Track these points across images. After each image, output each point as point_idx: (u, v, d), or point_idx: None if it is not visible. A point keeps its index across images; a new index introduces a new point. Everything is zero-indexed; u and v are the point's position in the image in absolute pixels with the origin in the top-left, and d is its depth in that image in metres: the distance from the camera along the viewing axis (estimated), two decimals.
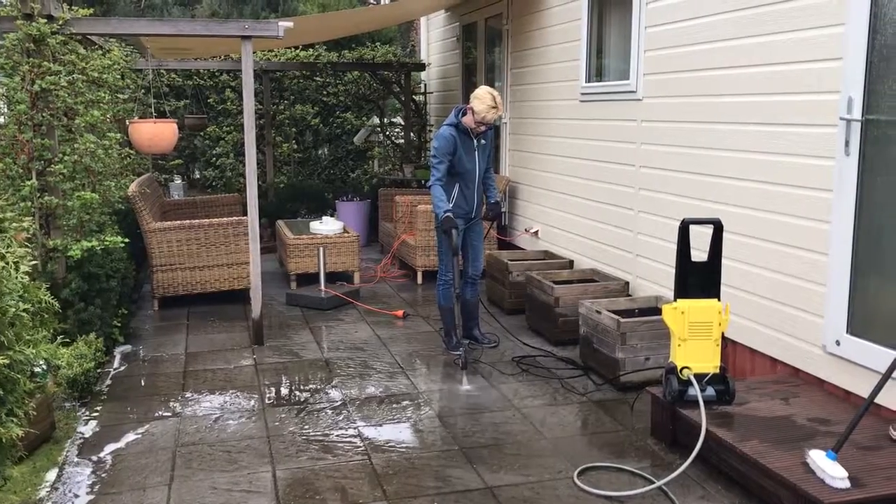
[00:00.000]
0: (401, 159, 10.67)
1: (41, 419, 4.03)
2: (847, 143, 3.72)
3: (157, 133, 5.96)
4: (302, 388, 4.90)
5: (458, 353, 5.38)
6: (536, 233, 7.39)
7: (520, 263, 6.52)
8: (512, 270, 6.41)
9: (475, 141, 5.31)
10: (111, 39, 7.67)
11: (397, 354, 5.52)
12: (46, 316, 3.74)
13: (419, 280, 7.68)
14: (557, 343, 5.64)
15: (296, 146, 11.11)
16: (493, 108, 5.13)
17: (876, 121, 3.62)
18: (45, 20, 4.92)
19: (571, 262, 6.57)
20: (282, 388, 4.89)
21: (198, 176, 11.37)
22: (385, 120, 11.18)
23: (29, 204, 4.95)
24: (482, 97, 5.15)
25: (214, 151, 10.65)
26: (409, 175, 9.92)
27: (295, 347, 5.72)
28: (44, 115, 4.95)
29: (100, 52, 6.17)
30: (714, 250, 3.94)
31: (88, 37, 6.38)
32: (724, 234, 4.42)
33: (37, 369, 4.22)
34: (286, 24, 5.49)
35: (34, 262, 4.90)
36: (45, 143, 4.93)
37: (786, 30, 4.14)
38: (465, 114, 5.25)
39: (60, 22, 5.02)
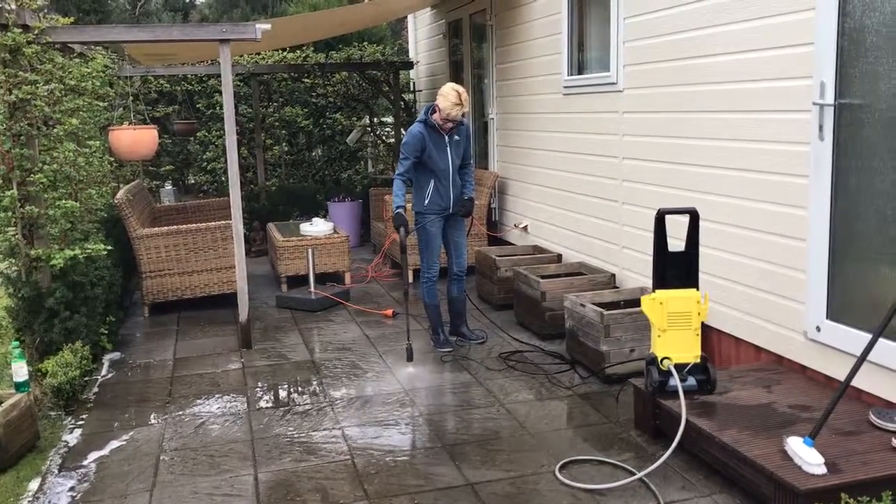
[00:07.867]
0: (392, 159, 10.65)
1: (25, 429, 4.03)
2: (821, 128, 3.70)
3: (136, 140, 5.95)
4: (288, 390, 4.90)
5: (447, 350, 5.42)
6: (525, 228, 7.37)
7: (508, 259, 6.50)
8: (500, 266, 6.40)
9: (446, 137, 5.30)
10: (95, 47, 7.65)
11: (385, 354, 5.52)
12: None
13: (409, 279, 7.65)
14: (545, 337, 5.63)
15: (287, 148, 11.09)
16: (458, 104, 5.11)
17: (849, 105, 3.59)
18: (21, 30, 4.90)
19: (559, 256, 6.56)
20: (268, 391, 4.89)
21: (192, 181, 11.36)
22: (375, 119, 11.15)
23: (10, 214, 4.95)
24: (447, 94, 5.13)
25: (205, 156, 10.65)
26: None
27: (283, 350, 5.72)
28: (22, 125, 4.95)
29: (79, 60, 6.15)
30: (691, 240, 3.92)
31: (69, 45, 6.37)
32: (706, 223, 4.42)
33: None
34: (264, 26, 5.48)
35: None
36: (24, 153, 4.92)
37: (758, 16, 4.11)
38: (434, 111, 5.25)
39: (36, 31, 5.01)
